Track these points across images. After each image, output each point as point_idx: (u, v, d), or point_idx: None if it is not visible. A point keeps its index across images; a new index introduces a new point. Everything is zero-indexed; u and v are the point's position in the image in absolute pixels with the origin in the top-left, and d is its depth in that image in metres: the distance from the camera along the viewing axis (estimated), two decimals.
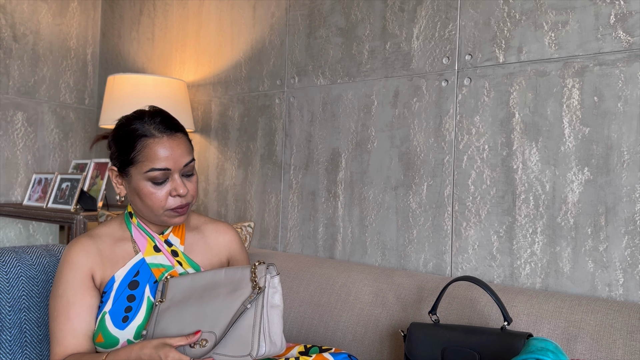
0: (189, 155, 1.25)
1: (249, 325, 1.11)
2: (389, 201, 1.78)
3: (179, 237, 1.33)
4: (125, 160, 1.23)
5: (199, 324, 1.15)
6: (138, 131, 1.22)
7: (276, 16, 2.14)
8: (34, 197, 2.63)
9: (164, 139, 1.22)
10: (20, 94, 2.72)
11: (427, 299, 1.46)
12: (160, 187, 1.22)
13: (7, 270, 1.47)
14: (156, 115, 1.25)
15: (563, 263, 1.46)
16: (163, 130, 1.22)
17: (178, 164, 1.22)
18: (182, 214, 1.26)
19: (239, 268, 1.20)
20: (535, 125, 1.51)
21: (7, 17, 2.68)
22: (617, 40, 1.39)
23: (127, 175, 1.25)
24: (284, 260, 1.80)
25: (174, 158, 1.22)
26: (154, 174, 1.21)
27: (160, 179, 1.22)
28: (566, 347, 1.23)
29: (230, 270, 1.21)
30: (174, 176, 1.23)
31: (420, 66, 1.73)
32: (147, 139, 1.21)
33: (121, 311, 1.21)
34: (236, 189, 2.25)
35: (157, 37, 2.66)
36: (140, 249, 1.29)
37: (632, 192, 1.37)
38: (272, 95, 2.14)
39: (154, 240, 1.30)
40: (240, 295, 1.15)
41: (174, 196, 1.23)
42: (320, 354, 1.20)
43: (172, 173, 1.22)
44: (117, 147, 1.26)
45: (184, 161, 1.23)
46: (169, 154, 1.21)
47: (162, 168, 1.21)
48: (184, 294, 1.20)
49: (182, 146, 1.24)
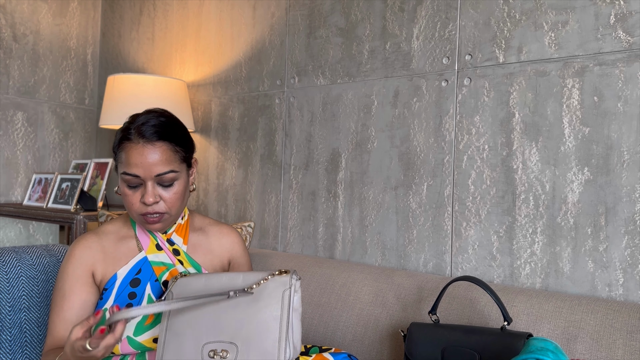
0: (166, 166, 1.22)
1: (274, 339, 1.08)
2: (389, 201, 1.78)
3: (181, 237, 1.35)
4: (115, 157, 1.28)
5: (218, 333, 1.10)
6: (124, 132, 1.24)
7: (276, 16, 2.14)
8: (34, 197, 2.63)
9: (139, 145, 1.21)
10: (20, 94, 2.72)
11: (427, 299, 1.46)
12: (133, 191, 1.24)
13: (7, 270, 1.47)
14: (149, 120, 1.24)
15: (563, 263, 1.46)
16: (143, 136, 1.21)
17: (149, 172, 1.21)
18: (154, 222, 1.25)
19: (258, 274, 1.17)
20: (535, 125, 1.51)
21: (7, 17, 2.68)
22: (617, 40, 1.39)
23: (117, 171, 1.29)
24: (284, 260, 1.80)
25: (144, 166, 1.20)
26: (126, 177, 1.22)
27: (133, 183, 1.23)
28: (566, 347, 1.23)
29: (249, 277, 1.17)
30: (147, 183, 1.22)
31: (420, 66, 1.73)
32: (126, 142, 1.22)
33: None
34: (236, 189, 2.25)
35: (157, 37, 2.66)
36: (143, 247, 1.31)
37: (632, 192, 1.37)
38: (272, 95, 2.14)
39: (156, 239, 1.32)
40: (264, 307, 1.11)
41: (141, 202, 1.24)
42: (320, 354, 1.21)
43: (144, 180, 1.22)
44: (114, 142, 1.29)
45: (156, 171, 1.21)
46: (140, 161, 1.20)
47: (132, 174, 1.21)
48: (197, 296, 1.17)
49: (157, 155, 1.21)
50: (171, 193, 1.24)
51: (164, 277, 1.28)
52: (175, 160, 1.24)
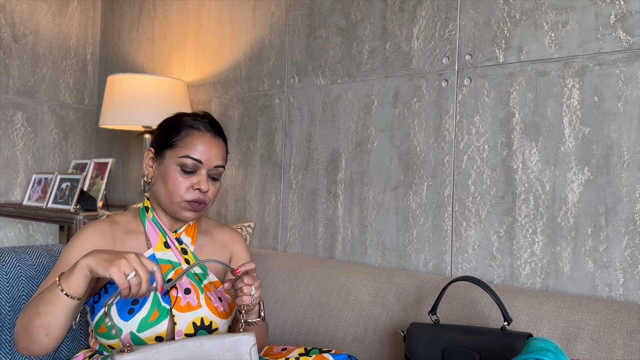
0: (222, 160, 1.33)
1: None
2: (389, 201, 1.78)
3: (190, 237, 1.37)
4: (166, 142, 1.31)
5: None
6: (188, 122, 1.32)
7: (276, 16, 2.14)
8: (34, 197, 2.63)
9: (208, 135, 1.31)
10: (20, 94, 2.72)
11: (427, 299, 1.46)
12: (186, 176, 1.29)
13: (7, 270, 1.46)
14: (207, 117, 1.35)
15: (563, 263, 1.46)
16: (209, 129, 1.32)
17: (210, 161, 1.30)
18: (195, 210, 1.30)
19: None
20: (535, 125, 1.51)
21: (7, 17, 2.68)
22: (617, 40, 1.39)
23: (161, 157, 1.32)
24: (284, 260, 1.80)
25: (209, 154, 1.29)
26: (186, 160, 1.28)
27: (189, 167, 1.28)
28: (566, 347, 1.23)
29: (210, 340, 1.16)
30: (202, 171, 1.29)
31: (420, 66, 1.73)
32: (193, 130, 1.30)
33: (128, 303, 1.23)
34: (236, 189, 2.25)
35: (157, 37, 2.66)
36: (152, 244, 1.32)
37: (632, 192, 1.37)
38: (272, 95, 2.14)
39: (165, 236, 1.33)
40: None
41: (195, 189, 1.29)
42: (320, 354, 1.21)
43: (201, 168, 1.29)
44: (163, 130, 1.34)
45: (216, 162, 1.31)
46: (207, 149, 1.29)
47: (196, 159, 1.28)
48: None
49: (219, 149, 1.32)
50: (215, 187, 1.34)
51: (169, 276, 1.29)
52: (225, 158, 1.36)
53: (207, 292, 1.29)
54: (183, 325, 1.23)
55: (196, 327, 1.24)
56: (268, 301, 1.71)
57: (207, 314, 1.26)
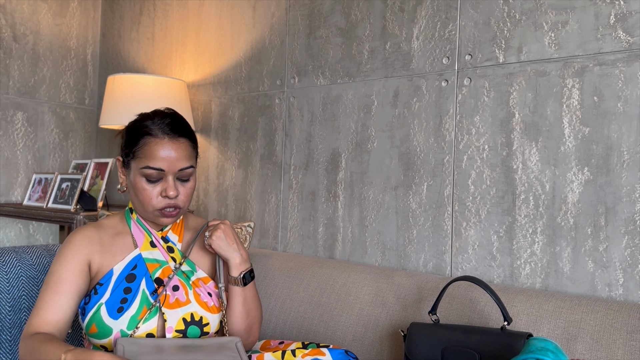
0: (187, 161, 1.28)
1: None
2: (389, 201, 1.78)
3: (177, 235, 1.37)
4: (128, 153, 1.29)
5: None
6: (144, 128, 1.27)
7: (276, 16, 2.14)
8: (34, 197, 2.63)
9: (165, 140, 1.26)
10: (20, 94, 2.72)
11: (427, 299, 1.46)
12: (153, 185, 1.27)
13: (7, 270, 1.47)
14: (166, 117, 1.29)
15: (563, 263, 1.46)
16: (167, 132, 1.27)
17: (173, 167, 1.26)
18: (169, 215, 1.29)
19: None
20: (535, 125, 1.51)
21: (7, 17, 2.68)
22: (617, 40, 1.39)
23: (128, 167, 1.31)
24: (284, 260, 1.80)
25: (169, 160, 1.25)
26: (148, 171, 1.25)
27: (154, 177, 1.26)
28: (566, 347, 1.23)
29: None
30: (168, 177, 1.27)
31: (420, 66, 1.73)
32: (149, 137, 1.26)
33: (117, 302, 1.24)
34: (236, 189, 2.25)
35: (157, 37, 2.66)
36: (138, 244, 1.33)
37: (632, 192, 1.37)
38: (272, 95, 2.14)
39: (150, 236, 1.34)
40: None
41: (163, 197, 1.27)
42: (317, 348, 1.24)
43: (166, 174, 1.26)
44: (125, 139, 1.32)
45: (179, 165, 1.27)
46: (166, 155, 1.25)
47: (157, 168, 1.25)
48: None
49: (181, 151, 1.27)
50: (187, 188, 1.30)
51: (156, 274, 1.30)
52: (193, 156, 1.31)
53: (196, 288, 1.30)
54: (173, 321, 1.24)
55: (186, 322, 1.26)
56: (268, 301, 1.71)
57: (196, 309, 1.27)
